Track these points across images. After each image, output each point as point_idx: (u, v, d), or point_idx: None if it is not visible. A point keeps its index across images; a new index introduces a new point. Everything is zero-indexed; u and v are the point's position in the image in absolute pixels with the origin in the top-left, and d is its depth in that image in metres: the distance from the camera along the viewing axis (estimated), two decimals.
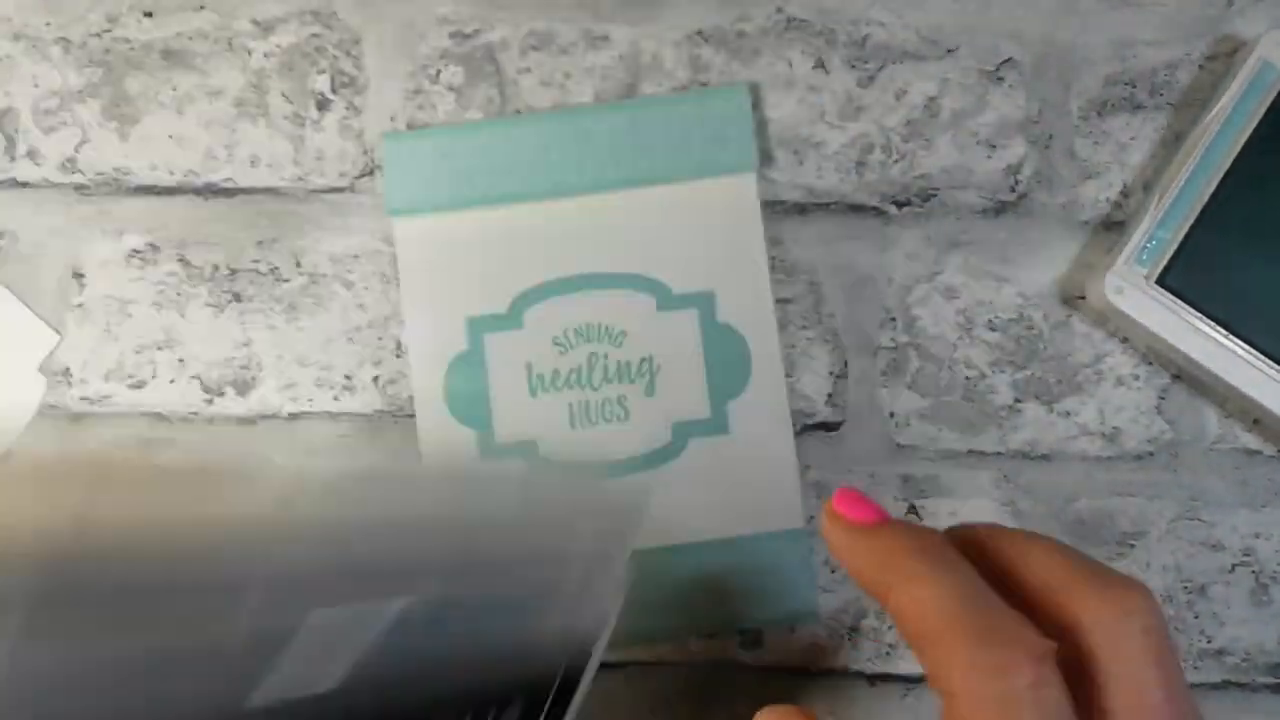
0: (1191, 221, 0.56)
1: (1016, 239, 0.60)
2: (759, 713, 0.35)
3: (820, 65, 0.61)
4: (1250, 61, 0.57)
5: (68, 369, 0.60)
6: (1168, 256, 0.56)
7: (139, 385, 0.60)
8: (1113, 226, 0.60)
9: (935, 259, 0.60)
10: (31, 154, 0.62)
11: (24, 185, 0.61)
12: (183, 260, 0.61)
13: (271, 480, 0.24)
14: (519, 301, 0.60)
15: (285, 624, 0.25)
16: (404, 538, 0.29)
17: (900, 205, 0.60)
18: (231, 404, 0.60)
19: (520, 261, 0.60)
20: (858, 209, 0.60)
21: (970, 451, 0.59)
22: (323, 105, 0.61)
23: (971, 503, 0.59)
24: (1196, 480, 0.59)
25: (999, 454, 0.59)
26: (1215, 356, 0.56)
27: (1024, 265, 0.60)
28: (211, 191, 0.61)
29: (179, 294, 0.61)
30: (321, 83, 0.61)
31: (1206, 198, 0.56)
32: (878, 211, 0.60)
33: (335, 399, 0.60)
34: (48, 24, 0.62)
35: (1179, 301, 0.56)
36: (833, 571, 0.58)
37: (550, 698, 0.44)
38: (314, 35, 0.62)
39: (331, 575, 0.27)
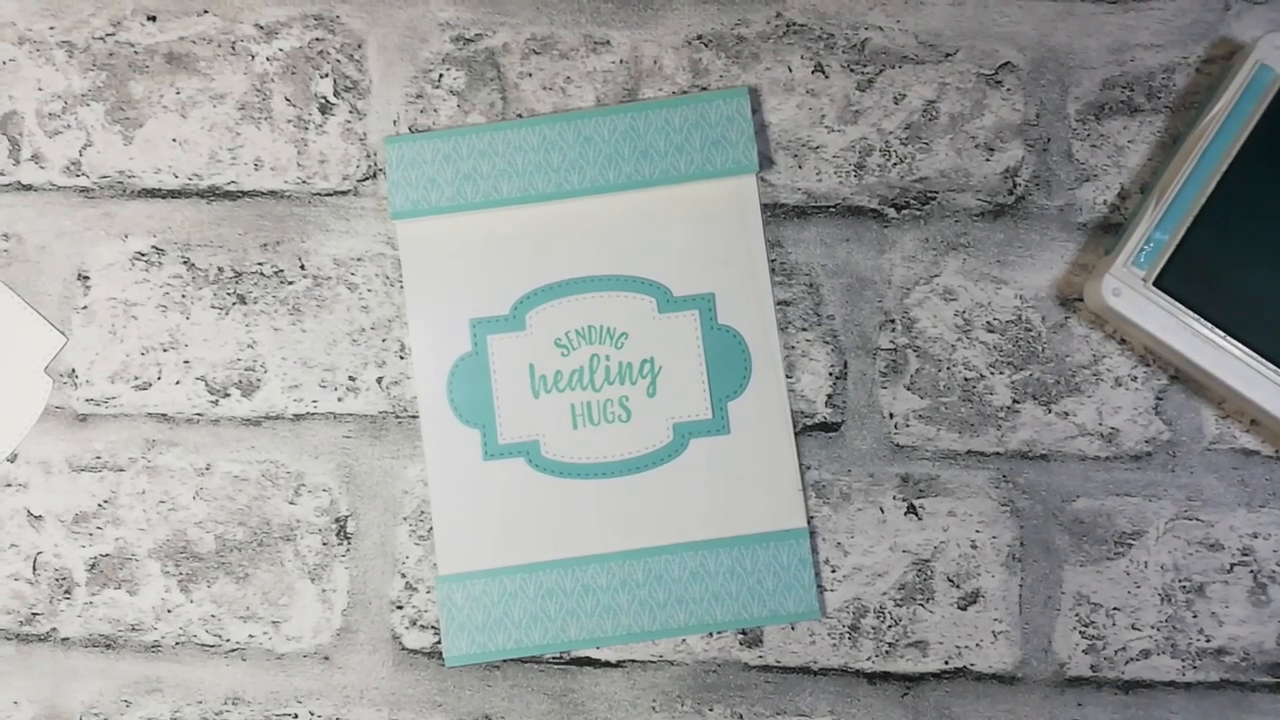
0: (1189, 224, 0.57)
1: (1014, 241, 0.60)
2: None
3: (819, 69, 0.61)
4: (1247, 65, 0.57)
5: (73, 371, 0.61)
6: (1165, 258, 0.57)
7: (144, 387, 0.61)
8: (1110, 229, 0.60)
9: (934, 261, 0.60)
10: (36, 157, 0.62)
11: (29, 188, 0.62)
12: (187, 263, 0.61)
13: None
14: (521, 303, 0.60)
15: None
16: None
17: (899, 208, 0.61)
18: (236, 405, 0.60)
19: (522, 264, 0.60)
20: (857, 212, 0.61)
21: (969, 452, 0.59)
22: (326, 109, 0.62)
23: (970, 502, 0.59)
24: (1194, 480, 0.59)
25: (997, 454, 0.59)
26: (1213, 357, 0.56)
27: (1022, 267, 0.60)
28: (215, 194, 0.62)
29: (183, 296, 0.61)
30: (324, 87, 0.62)
31: (1204, 200, 0.57)
32: (877, 214, 0.61)
33: (339, 400, 0.60)
34: (52, 28, 0.62)
35: (1176, 303, 0.57)
36: (833, 571, 0.59)
37: None
38: (317, 39, 0.62)
39: None
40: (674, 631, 0.58)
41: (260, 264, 0.61)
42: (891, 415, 0.60)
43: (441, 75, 0.62)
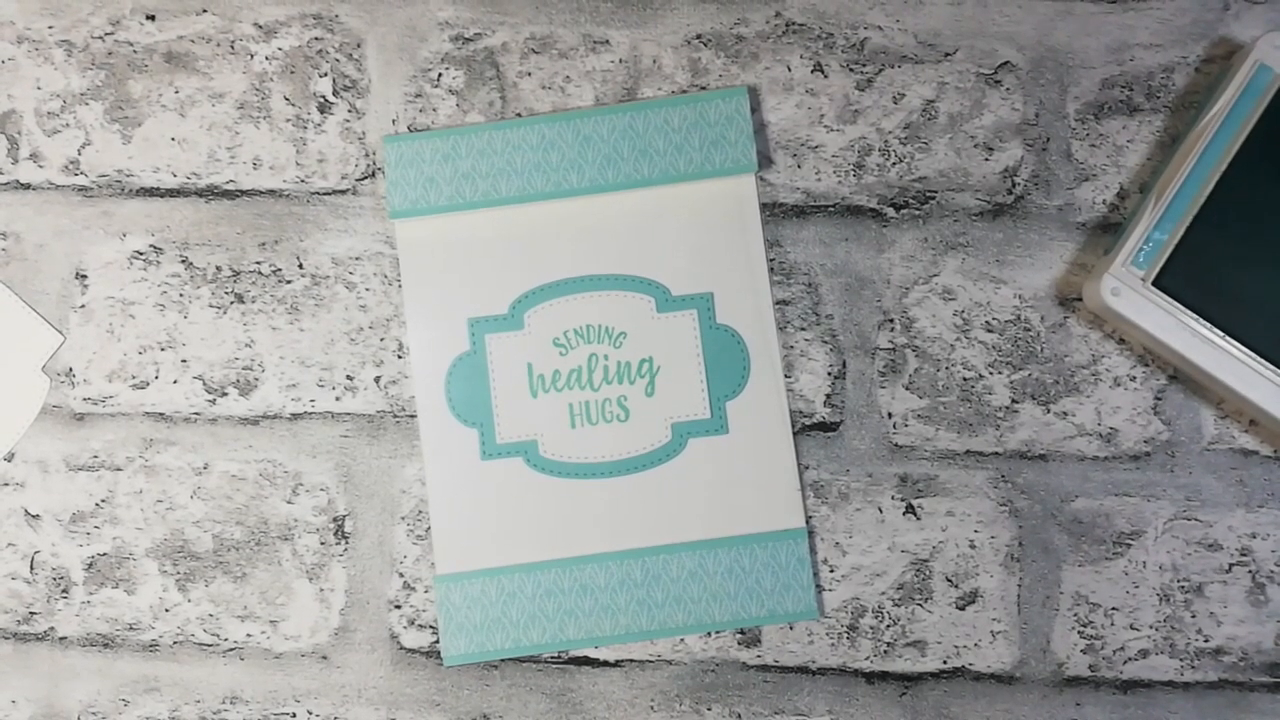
0: (1188, 223, 0.57)
1: (1013, 241, 0.60)
2: None
3: (819, 69, 0.61)
4: (1246, 64, 0.57)
5: (71, 369, 0.61)
6: (1164, 258, 0.57)
7: (142, 386, 0.61)
8: (1109, 228, 0.60)
9: (933, 261, 0.60)
10: (35, 156, 0.62)
11: (27, 187, 0.62)
12: (185, 262, 0.61)
13: None
14: (520, 303, 0.60)
15: None
16: None
17: (898, 207, 0.61)
18: (234, 404, 0.60)
19: (521, 263, 0.60)
20: (856, 211, 0.61)
21: (968, 451, 0.59)
22: (324, 108, 0.62)
23: (969, 503, 0.59)
24: (1193, 480, 0.59)
25: (996, 454, 0.59)
26: (1212, 357, 0.56)
27: (1021, 267, 0.60)
28: (214, 193, 0.62)
29: (181, 295, 0.61)
30: (323, 86, 0.62)
31: (1203, 200, 0.57)
32: (875, 214, 0.61)
33: (337, 399, 0.60)
34: (50, 27, 0.62)
35: (1175, 303, 0.57)
36: (831, 570, 0.59)
37: None
38: (316, 39, 0.62)
39: None
40: (672, 631, 0.58)
41: (258, 263, 0.61)
42: (890, 415, 0.60)
43: (440, 74, 0.62)
